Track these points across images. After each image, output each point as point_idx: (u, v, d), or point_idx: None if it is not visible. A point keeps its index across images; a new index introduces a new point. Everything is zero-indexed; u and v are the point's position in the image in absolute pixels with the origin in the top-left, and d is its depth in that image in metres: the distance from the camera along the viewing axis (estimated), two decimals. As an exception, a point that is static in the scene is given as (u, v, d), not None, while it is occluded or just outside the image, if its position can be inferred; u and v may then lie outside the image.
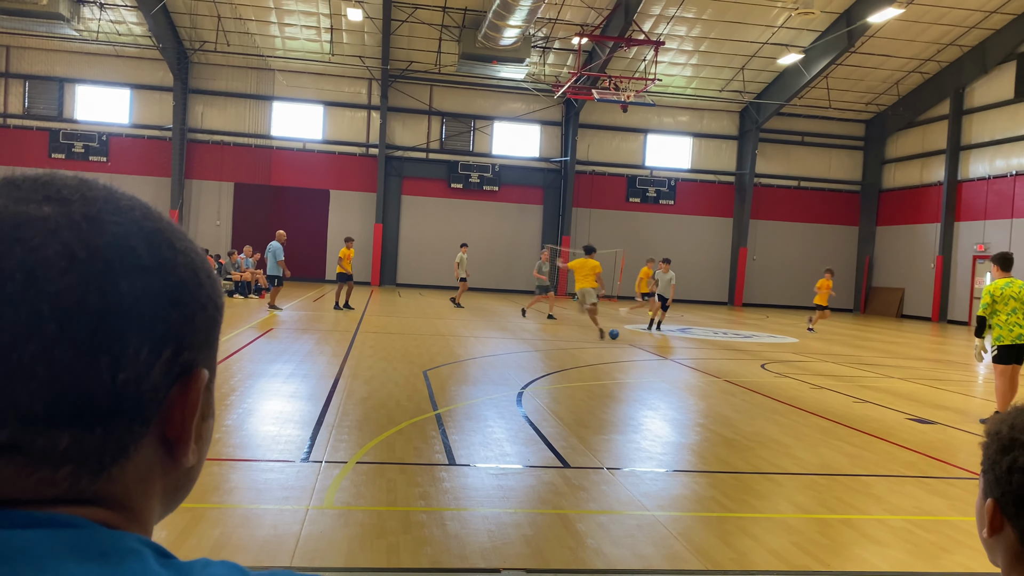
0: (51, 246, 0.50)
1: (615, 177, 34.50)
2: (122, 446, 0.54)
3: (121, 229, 0.54)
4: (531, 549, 3.99)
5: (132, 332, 0.52)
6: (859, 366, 13.22)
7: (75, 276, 0.50)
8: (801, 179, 35.58)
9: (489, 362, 11.20)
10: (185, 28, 29.61)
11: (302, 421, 6.67)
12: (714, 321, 23.30)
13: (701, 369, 11.68)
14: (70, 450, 0.52)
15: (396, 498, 4.71)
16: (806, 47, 28.56)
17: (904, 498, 5.31)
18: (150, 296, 0.53)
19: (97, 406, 0.51)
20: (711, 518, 4.70)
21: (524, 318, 19.56)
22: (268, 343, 11.94)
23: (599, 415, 7.72)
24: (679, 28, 28.21)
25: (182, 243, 0.58)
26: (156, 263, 0.54)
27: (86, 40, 29.11)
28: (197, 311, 0.57)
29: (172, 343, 0.55)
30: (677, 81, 32.13)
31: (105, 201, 0.55)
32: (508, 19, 24.63)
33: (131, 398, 0.53)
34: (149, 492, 0.57)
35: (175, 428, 0.57)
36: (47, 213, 0.51)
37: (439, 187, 33.41)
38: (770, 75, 31.72)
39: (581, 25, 27.86)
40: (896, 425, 7.93)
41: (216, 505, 4.41)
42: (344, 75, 32.23)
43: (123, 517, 0.55)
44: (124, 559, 0.50)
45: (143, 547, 0.52)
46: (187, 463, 0.59)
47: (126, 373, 0.52)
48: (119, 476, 0.54)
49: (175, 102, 30.83)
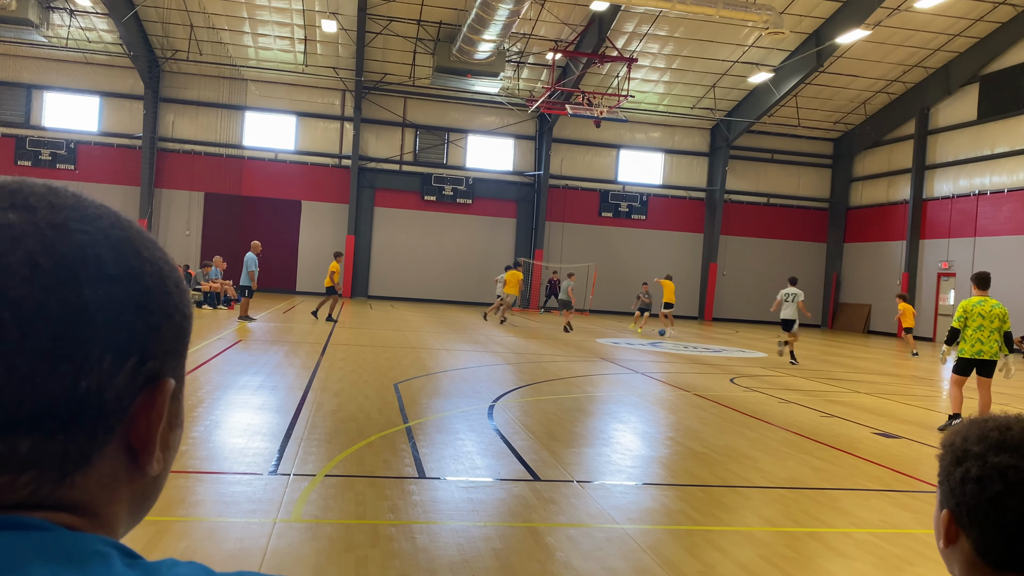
0: (14, 253, 0.50)
1: (588, 192, 34.70)
2: (85, 453, 0.54)
3: (87, 238, 0.54)
4: (500, 562, 3.98)
5: (95, 340, 0.52)
6: (827, 381, 13.38)
7: (37, 283, 0.50)
8: (770, 196, 36.06)
9: (460, 375, 11.17)
10: (157, 36, 29.37)
11: (270, 433, 6.60)
12: (684, 335, 23.46)
13: (671, 383, 11.75)
14: (31, 456, 0.51)
15: (365, 511, 4.68)
16: (776, 66, 29.03)
17: (870, 511, 5.38)
18: (115, 304, 0.53)
19: (58, 413, 0.51)
20: (680, 531, 4.73)
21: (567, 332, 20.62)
22: (237, 354, 11.81)
23: (570, 428, 7.73)
24: (652, 45, 28.54)
25: (150, 252, 0.58)
26: (122, 272, 0.54)
27: (55, 47, 28.76)
28: (164, 320, 0.57)
29: (137, 352, 0.55)
30: (649, 98, 32.48)
31: (72, 209, 0.55)
32: (483, 33, 24.75)
33: (94, 406, 0.53)
34: (114, 499, 0.57)
35: (140, 437, 0.56)
36: (12, 220, 0.51)
37: (412, 199, 33.37)
38: (740, 93, 32.17)
39: (555, 41, 28.07)
40: (862, 439, 8.04)
41: (182, 518, 4.35)
42: (317, 86, 32.15)
43: (88, 523, 0.54)
44: (89, 561, 0.49)
45: (109, 548, 0.51)
46: (153, 472, 0.58)
47: (88, 381, 0.52)
48: (82, 483, 0.54)
49: (146, 110, 30.52)
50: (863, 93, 31.64)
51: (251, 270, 18.03)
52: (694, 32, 27.50)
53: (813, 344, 23.27)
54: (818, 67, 27.96)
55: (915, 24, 26.07)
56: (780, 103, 31.10)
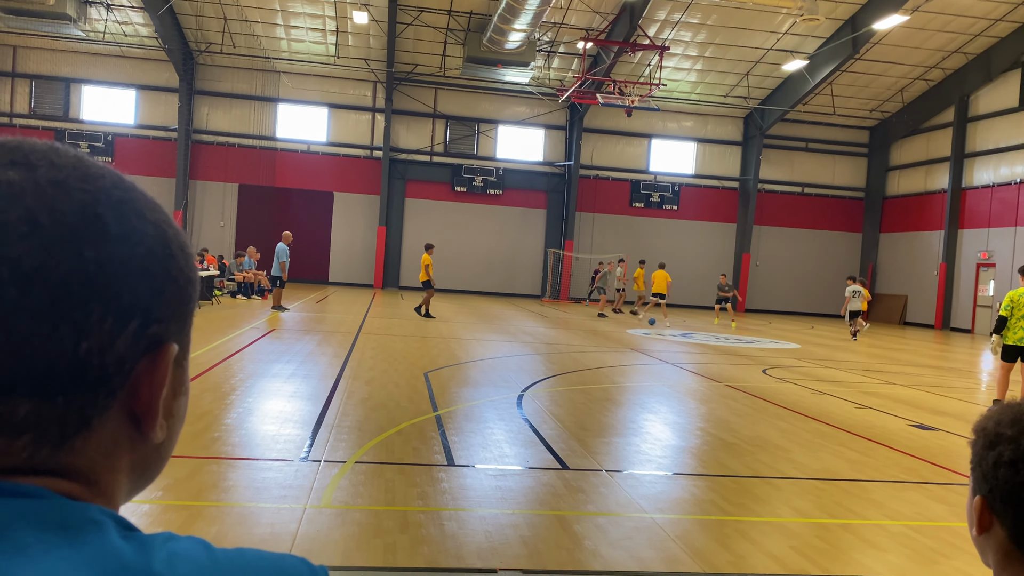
0: (13, 211, 0.49)
1: (619, 182, 34.50)
2: (85, 417, 0.53)
3: (88, 196, 0.53)
4: (528, 550, 3.98)
5: (96, 301, 0.51)
6: (861, 372, 13.19)
7: (36, 242, 0.49)
8: (805, 185, 35.57)
9: (490, 364, 11.19)
10: (191, 29, 29.70)
11: (302, 421, 6.67)
12: (716, 327, 23.26)
13: (702, 374, 11.66)
14: (29, 419, 0.51)
15: (394, 498, 4.71)
16: (811, 54, 28.57)
17: (904, 504, 5.29)
18: (116, 265, 0.52)
19: (58, 375, 0.50)
20: (710, 521, 4.69)
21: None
22: (270, 343, 11.94)
23: (599, 418, 7.71)
24: (684, 33, 28.24)
25: (154, 215, 0.57)
26: (124, 232, 0.53)
27: (92, 40, 29.21)
28: (167, 284, 0.56)
29: (139, 315, 0.54)
30: (682, 86, 32.16)
31: (73, 168, 0.54)
32: (513, 23, 24.66)
33: (94, 369, 0.52)
34: (116, 466, 0.56)
35: (142, 402, 0.56)
36: (12, 178, 0.51)
37: (443, 190, 33.43)
38: (774, 81, 31.73)
39: (586, 29, 27.89)
40: (897, 431, 7.91)
41: (214, 503, 4.41)
42: (349, 77, 32.30)
43: (87, 490, 0.54)
44: (84, 530, 0.49)
45: (105, 518, 0.51)
46: (155, 439, 0.57)
47: (89, 343, 0.51)
48: (82, 448, 0.53)
49: (180, 103, 30.91)
50: (900, 80, 31.03)
51: (282, 261, 18.22)
52: (727, 19, 27.15)
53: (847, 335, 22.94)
54: (854, 54, 27.46)
55: (955, 9, 25.47)
56: (815, 91, 30.62)
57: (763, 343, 18.05)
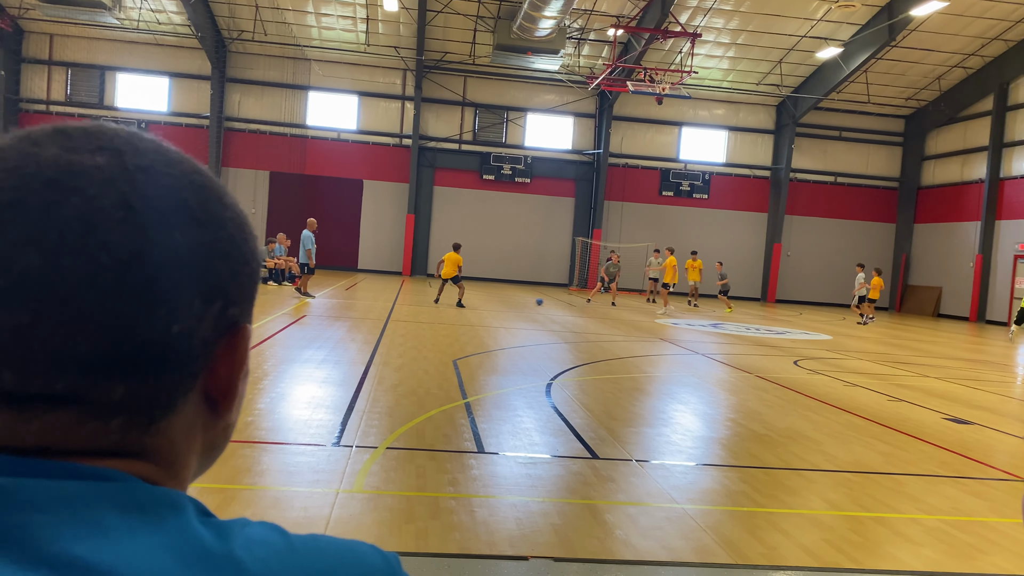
0: (108, 196, 0.50)
1: (648, 170, 34.27)
2: (172, 400, 0.54)
3: (174, 181, 0.54)
4: (559, 538, 3.99)
5: (186, 284, 0.52)
6: (894, 364, 13.02)
7: (131, 226, 0.50)
8: (838, 175, 35.09)
9: (518, 353, 11.20)
10: (223, 17, 29.92)
11: (333, 406, 6.73)
12: (746, 317, 23.08)
13: (732, 364, 11.57)
14: (123, 402, 0.51)
15: (425, 484, 4.74)
16: (846, 40, 28.11)
17: (940, 498, 5.22)
18: (203, 249, 0.53)
19: (152, 358, 0.51)
20: (741, 512, 4.66)
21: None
22: (301, 329, 12.05)
23: (628, 407, 7.69)
24: (716, 20, 27.91)
25: (229, 198, 0.58)
26: (207, 216, 0.55)
27: (127, 28, 29.54)
28: (242, 266, 0.57)
29: (221, 297, 0.55)
30: (713, 74, 31.82)
31: (156, 153, 0.54)
32: (543, 10, 24.53)
33: (183, 351, 0.53)
34: (191, 448, 0.57)
35: (220, 383, 0.57)
36: (100, 163, 0.51)
37: (471, 178, 33.45)
38: (808, 69, 31.28)
39: (617, 16, 27.67)
40: (932, 424, 7.80)
41: (248, 487, 4.47)
42: (379, 65, 32.37)
43: (164, 472, 0.55)
44: (164, 514, 0.50)
45: (185, 503, 0.52)
46: (229, 419, 0.59)
47: (180, 325, 0.52)
48: (166, 430, 0.54)
49: (212, 90, 31.19)
50: (938, 68, 30.43)
51: (308, 248, 18.36)
52: (760, 6, 26.78)
53: (880, 327, 22.65)
54: (890, 41, 26.96)
55: (996, -6, 24.92)
56: (849, 79, 30.15)
57: (794, 334, 17.88)
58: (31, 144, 0.51)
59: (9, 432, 0.50)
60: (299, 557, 0.51)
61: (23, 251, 0.48)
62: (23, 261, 0.47)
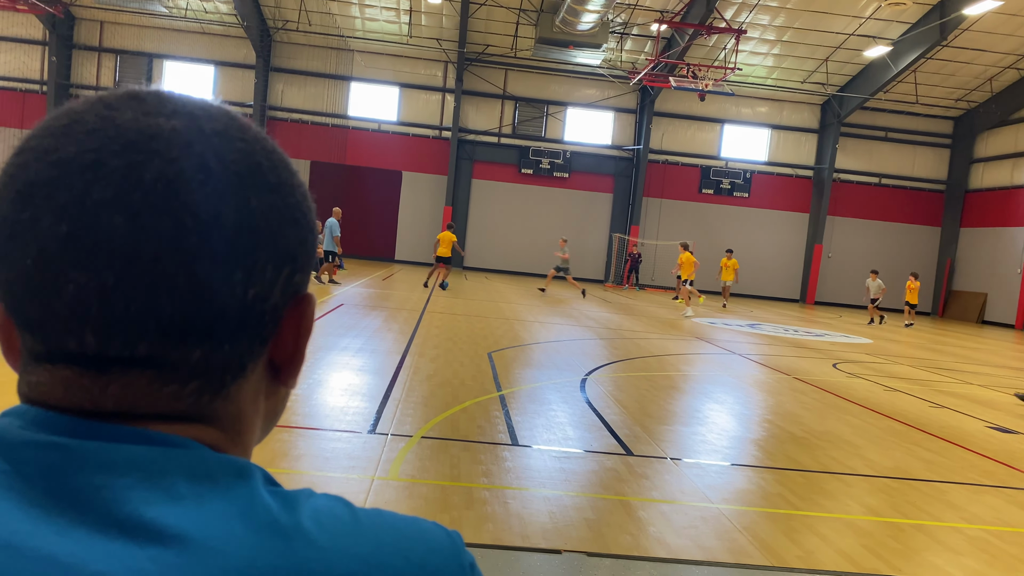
0: (187, 159, 0.50)
1: (689, 167, 33.96)
2: (243, 365, 0.54)
3: (247, 146, 0.54)
4: (592, 533, 3.97)
5: (261, 248, 0.52)
6: (936, 370, 12.76)
7: (211, 189, 0.50)
8: (883, 176, 34.44)
9: (553, 347, 11.18)
10: (269, 7, 30.24)
11: (369, 394, 6.77)
12: (784, 318, 22.79)
13: (769, 365, 11.44)
14: (199, 366, 0.52)
15: (459, 474, 4.75)
16: (895, 39, 27.55)
17: (983, 507, 5.10)
18: (275, 214, 0.53)
19: (228, 322, 0.52)
20: (777, 514, 4.60)
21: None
22: (338, 318, 12.16)
23: (663, 405, 7.63)
24: (762, 17, 27.53)
25: (293, 165, 0.58)
26: (278, 182, 0.55)
27: (175, 17, 30.00)
28: (308, 233, 0.57)
29: (290, 263, 0.55)
30: (758, 71, 31.40)
31: (228, 118, 0.55)
32: (587, 4, 24.40)
33: (257, 315, 0.53)
34: (256, 413, 0.58)
35: (286, 350, 0.57)
36: (177, 126, 0.51)
37: (509, 172, 33.43)
38: (855, 68, 30.72)
39: (661, 11, 27.43)
40: (975, 432, 7.63)
41: (285, 470, 4.52)
42: (420, 57, 32.47)
43: (230, 440, 0.55)
44: (233, 483, 0.50)
45: (253, 471, 0.52)
46: (290, 386, 0.60)
47: (254, 290, 0.52)
48: (235, 395, 0.55)
49: (257, 79, 31.56)
50: (990, 69, 29.68)
51: (336, 235, 18.61)
52: (807, 3, 26.35)
53: (922, 332, 22.22)
54: (941, 40, 26.34)
55: (1054, -6, 24.21)
56: (897, 79, 29.53)
57: (833, 337, 17.61)
58: (106, 107, 0.51)
59: (88, 395, 0.51)
60: (365, 530, 0.51)
61: (107, 213, 0.48)
62: (107, 223, 0.48)
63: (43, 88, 31.35)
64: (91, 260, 0.48)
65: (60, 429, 0.49)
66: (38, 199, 0.49)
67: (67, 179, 0.48)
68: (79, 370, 0.51)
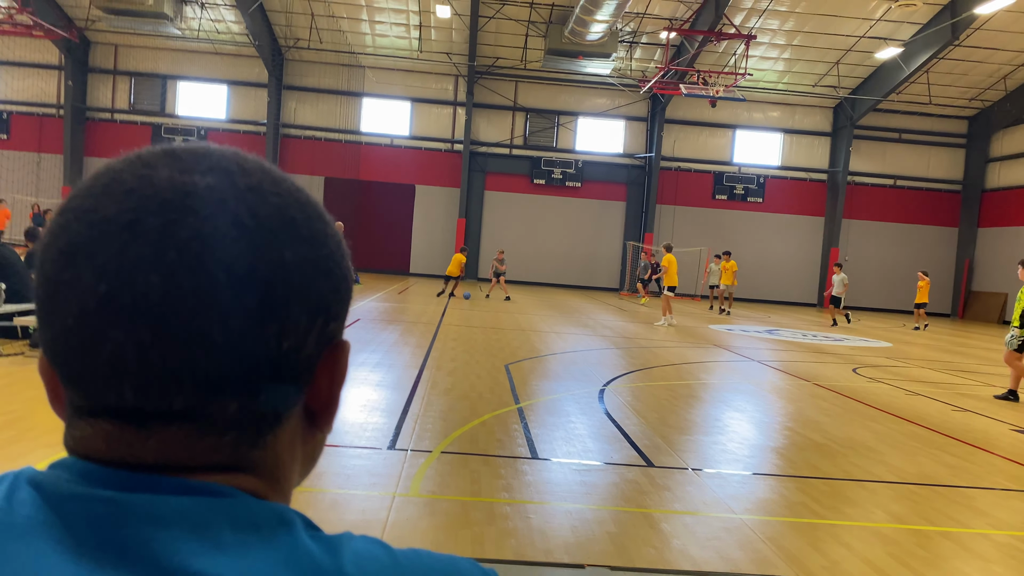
0: (222, 216, 0.51)
1: (701, 174, 33.89)
2: (278, 414, 0.55)
3: (280, 200, 0.55)
4: (615, 546, 3.96)
5: (294, 301, 0.53)
6: (957, 373, 12.64)
7: (245, 245, 0.51)
8: (897, 178, 34.22)
9: (570, 358, 11.17)
10: (280, 26, 30.52)
11: (388, 409, 6.79)
12: (802, 323, 22.65)
13: (788, 371, 11.36)
14: (236, 417, 0.53)
15: (480, 489, 4.74)
16: (906, 40, 27.43)
17: (1011, 513, 5.04)
18: (308, 266, 0.54)
19: (264, 373, 0.53)
20: (801, 524, 4.57)
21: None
22: (355, 332, 12.19)
23: (683, 415, 7.60)
24: (772, 21, 27.49)
25: (327, 216, 0.59)
26: (311, 234, 0.56)
27: (188, 38, 30.33)
28: (341, 282, 0.58)
29: (323, 313, 0.56)
30: (768, 76, 31.34)
31: (262, 172, 0.56)
32: (595, 14, 24.46)
33: (291, 366, 0.54)
34: (294, 460, 0.59)
35: (322, 397, 0.58)
36: (212, 183, 0.52)
37: (522, 183, 33.49)
38: (866, 70, 30.59)
39: (670, 19, 27.45)
40: (1000, 436, 7.55)
41: (307, 489, 4.53)
42: (431, 72, 32.64)
43: (269, 486, 0.56)
44: (276, 530, 0.51)
45: (294, 518, 0.53)
46: (326, 432, 0.61)
47: (289, 341, 0.53)
48: (272, 444, 0.56)
49: (270, 98, 31.83)
50: (1003, 67, 29.47)
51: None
52: (817, 6, 26.30)
53: (942, 334, 22.01)
54: (953, 40, 26.20)
55: (1066, -10, 24.02)
56: (910, 79, 29.38)
57: (852, 341, 17.48)
58: (144, 166, 0.53)
59: (128, 448, 0.52)
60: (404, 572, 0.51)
61: (143, 271, 0.49)
62: (144, 281, 0.49)
63: (60, 112, 31.76)
64: (128, 318, 0.49)
65: (106, 482, 0.50)
66: (78, 259, 0.50)
67: (105, 239, 0.50)
68: (119, 424, 0.52)
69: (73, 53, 30.84)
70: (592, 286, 33.78)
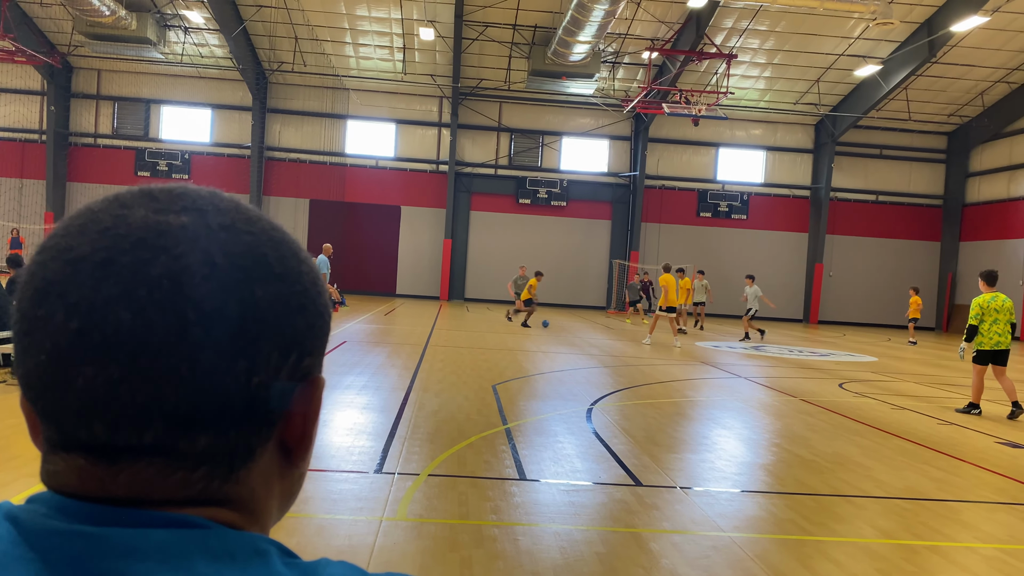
0: (193, 254, 0.52)
1: (686, 192, 34.10)
2: (251, 449, 0.56)
3: (253, 239, 0.56)
4: (604, 567, 3.94)
5: (265, 337, 0.54)
6: (942, 386, 12.71)
7: (216, 283, 0.52)
8: (879, 193, 34.56)
9: (558, 377, 11.16)
10: (264, 50, 30.59)
11: (375, 432, 6.75)
12: (788, 339, 22.75)
13: (775, 388, 11.40)
14: (207, 452, 0.54)
15: (468, 512, 4.72)
16: (884, 58, 27.81)
17: (996, 526, 5.06)
18: (280, 303, 0.55)
19: (233, 409, 0.53)
20: (790, 541, 4.57)
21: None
22: (342, 355, 12.15)
23: (670, 433, 7.60)
24: (752, 41, 27.82)
25: (303, 253, 0.60)
26: (285, 271, 0.56)
27: (171, 63, 30.33)
28: (316, 319, 0.59)
29: (297, 349, 0.56)
30: (750, 94, 31.66)
31: (236, 212, 0.57)
32: (578, 35, 24.68)
33: (262, 402, 0.55)
34: (269, 495, 0.59)
35: (295, 432, 0.59)
36: (185, 223, 0.53)
37: (507, 203, 33.58)
38: (847, 87, 30.97)
39: (651, 39, 27.72)
40: (985, 449, 7.59)
41: (293, 515, 4.49)
42: (416, 93, 32.77)
43: (245, 519, 0.57)
44: (252, 560, 0.51)
45: (269, 547, 0.53)
46: (303, 468, 0.61)
47: (259, 377, 0.54)
48: (245, 479, 0.56)
49: (254, 121, 31.83)
50: (980, 83, 29.92)
51: (323, 272, 18.66)
52: (796, 26, 26.65)
53: (927, 348, 22.16)
54: (931, 58, 26.59)
55: (1039, 8, 24.46)
56: (889, 96, 29.75)
57: (838, 356, 17.57)
58: (120, 206, 0.54)
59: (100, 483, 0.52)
60: None
61: (115, 308, 0.50)
62: (114, 318, 0.50)
63: (42, 137, 31.63)
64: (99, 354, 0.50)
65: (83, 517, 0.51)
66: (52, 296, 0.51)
67: (79, 277, 0.51)
68: (91, 459, 0.52)
69: (56, 78, 30.77)
70: (579, 304, 33.82)
